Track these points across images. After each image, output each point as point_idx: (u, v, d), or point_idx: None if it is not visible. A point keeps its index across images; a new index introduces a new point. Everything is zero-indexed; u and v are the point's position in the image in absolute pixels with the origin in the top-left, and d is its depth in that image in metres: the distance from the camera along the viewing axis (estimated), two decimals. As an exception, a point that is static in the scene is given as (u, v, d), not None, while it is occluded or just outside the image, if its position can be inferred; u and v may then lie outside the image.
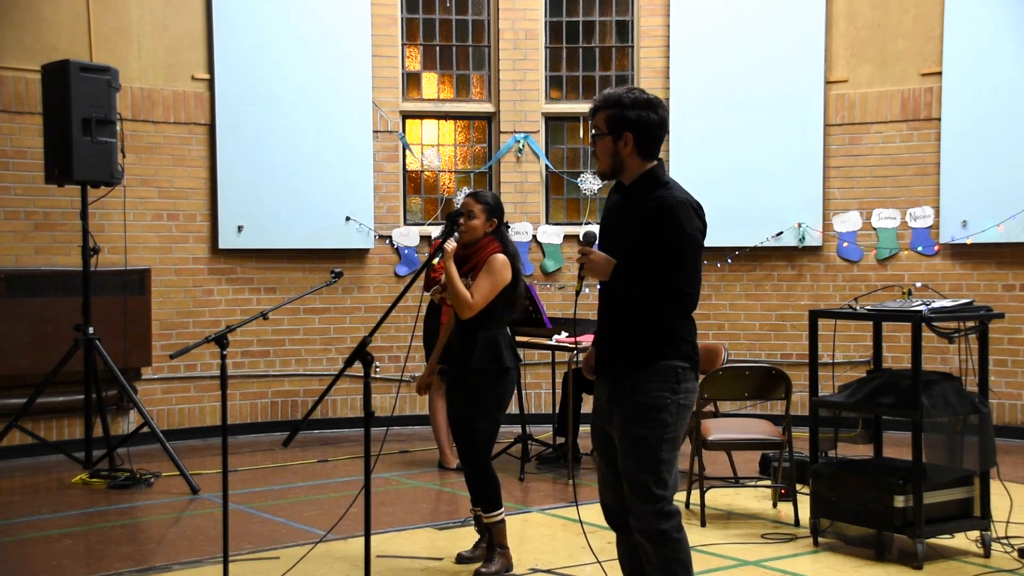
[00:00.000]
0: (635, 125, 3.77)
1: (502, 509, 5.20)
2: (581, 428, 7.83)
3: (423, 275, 6.74)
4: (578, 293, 3.94)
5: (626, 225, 3.82)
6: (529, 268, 9.62)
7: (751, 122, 9.37)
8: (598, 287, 3.94)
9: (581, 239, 3.88)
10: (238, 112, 9.00)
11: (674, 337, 3.77)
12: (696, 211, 3.76)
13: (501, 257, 5.12)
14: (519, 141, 9.69)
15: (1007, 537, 5.46)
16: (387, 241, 9.51)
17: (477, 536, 5.41)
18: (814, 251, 9.42)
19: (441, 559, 5.41)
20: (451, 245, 5.07)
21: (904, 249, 9.20)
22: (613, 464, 3.90)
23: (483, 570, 5.14)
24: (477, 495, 5.24)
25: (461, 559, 5.34)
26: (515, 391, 5.29)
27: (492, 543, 5.20)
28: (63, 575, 5.26)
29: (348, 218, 9.27)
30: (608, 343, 3.90)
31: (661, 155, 3.91)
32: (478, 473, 5.17)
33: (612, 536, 4.14)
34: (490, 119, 9.87)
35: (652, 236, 3.71)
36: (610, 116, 3.79)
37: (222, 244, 9.00)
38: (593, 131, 3.87)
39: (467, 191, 9.62)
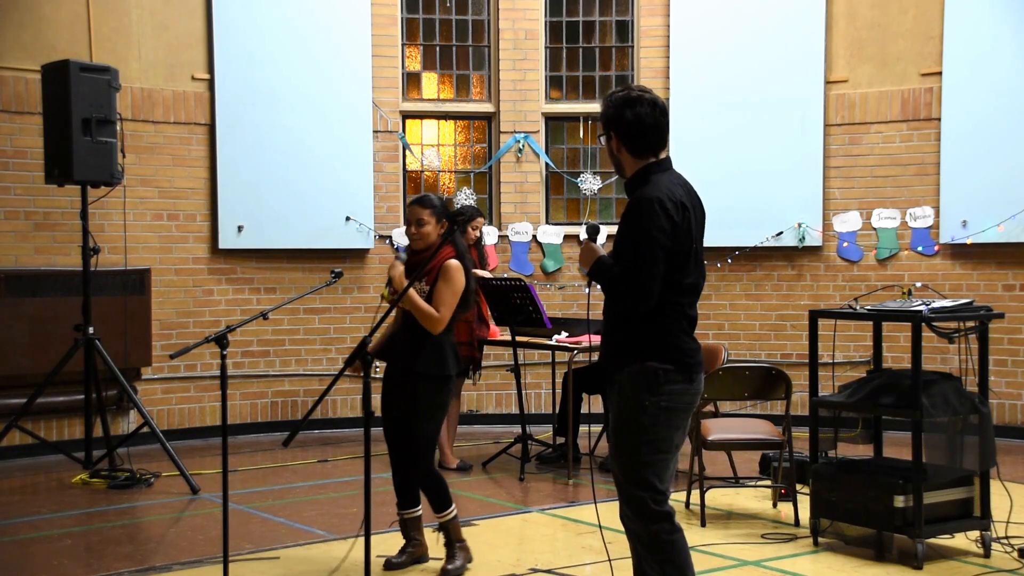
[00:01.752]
0: (613, 124, 3.82)
1: (453, 505, 5.21)
2: (581, 428, 7.84)
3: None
4: (588, 285, 4.02)
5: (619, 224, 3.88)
6: (529, 268, 9.63)
7: (751, 122, 9.37)
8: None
9: (586, 230, 3.98)
10: (238, 112, 9.00)
11: (656, 338, 3.73)
12: (666, 208, 3.65)
13: (454, 263, 5.10)
14: (519, 141, 9.69)
15: (1007, 537, 5.46)
16: (387, 241, 9.50)
17: (427, 543, 5.40)
18: (814, 251, 9.42)
19: (441, 559, 5.40)
20: (399, 269, 5.00)
21: (904, 249, 9.20)
22: None
23: (449, 567, 5.15)
24: (406, 499, 5.25)
25: (389, 565, 5.26)
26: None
27: (451, 540, 5.21)
28: (63, 575, 5.27)
29: (348, 218, 9.27)
30: (604, 344, 3.94)
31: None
32: (424, 476, 5.14)
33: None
34: (490, 119, 9.87)
35: (622, 231, 3.74)
36: (601, 117, 3.89)
37: (222, 244, 9.00)
38: (599, 135, 3.97)
39: (464, 194, 9.66)
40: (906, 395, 5.35)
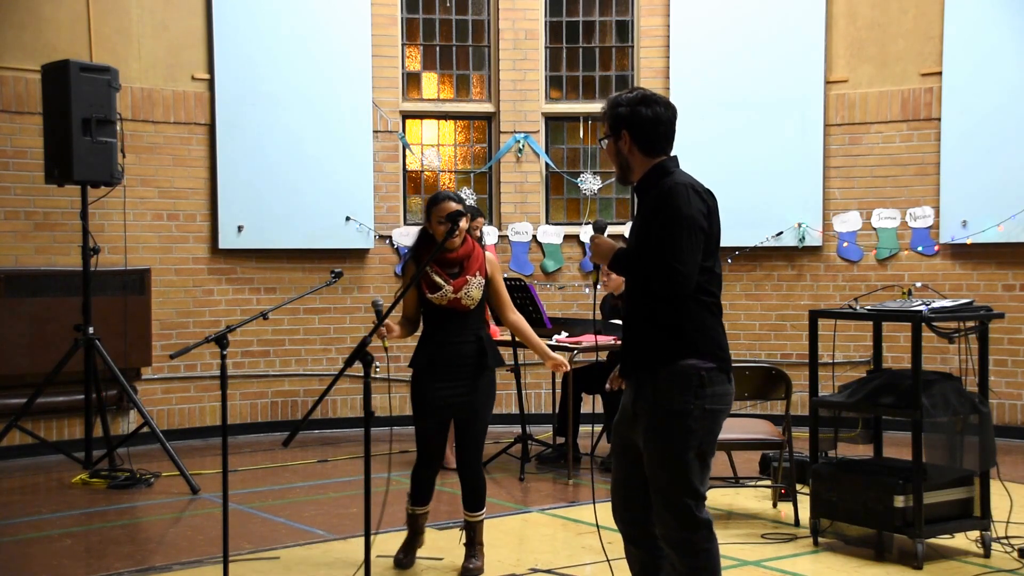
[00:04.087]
0: (628, 122, 3.78)
1: (485, 508, 5.28)
2: (581, 428, 7.85)
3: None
4: (595, 284, 4.05)
5: (637, 219, 3.83)
6: (529, 268, 9.63)
7: (751, 122, 9.37)
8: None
9: (593, 227, 3.96)
10: (238, 112, 9.00)
11: (692, 334, 3.66)
12: (699, 193, 3.68)
13: (492, 255, 5.28)
14: (519, 141, 9.69)
15: (1007, 537, 5.47)
16: (387, 241, 9.51)
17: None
18: (814, 251, 9.42)
19: (441, 559, 5.41)
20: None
21: (904, 249, 9.20)
22: (628, 470, 3.85)
23: (470, 566, 5.18)
24: (425, 496, 5.28)
25: (400, 564, 5.29)
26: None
27: (473, 540, 5.25)
28: (63, 575, 5.27)
29: (348, 218, 9.27)
30: (629, 344, 3.84)
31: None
32: (477, 471, 5.21)
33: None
34: (490, 119, 9.87)
35: (653, 220, 3.68)
36: (609, 118, 3.84)
37: (222, 244, 9.00)
38: (600, 138, 3.93)
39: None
40: (906, 395, 5.35)
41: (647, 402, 3.71)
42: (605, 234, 3.93)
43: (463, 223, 5.04)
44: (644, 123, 3.77)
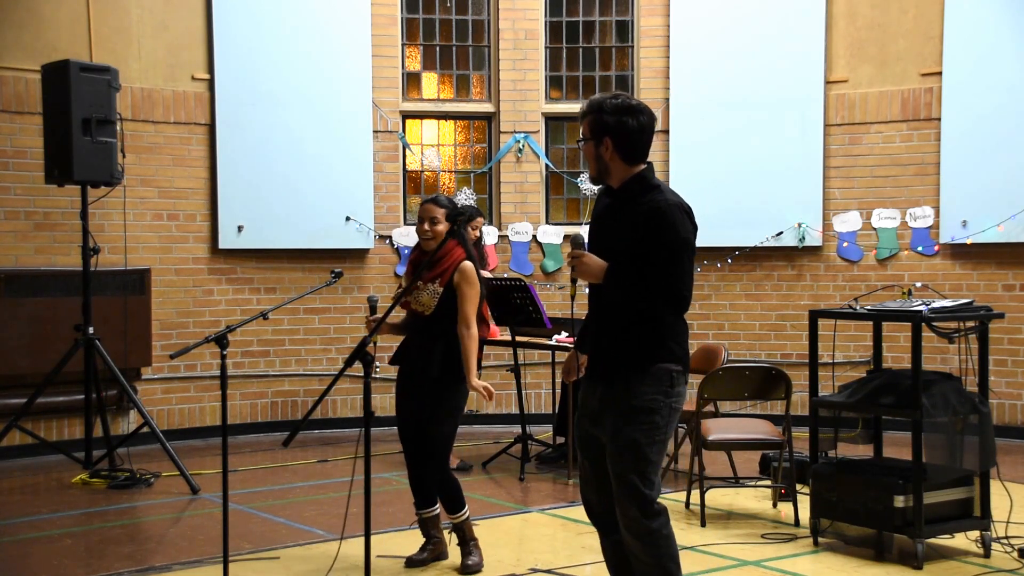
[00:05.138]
0: (613, 130, 3.82)
1: (466, 507, 5.26)
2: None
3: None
4: (573, 297, 4.02)
5: (619, 228, 3.85)
6: (529, 268, 9.63)
7: (751, 122, 9.37)
8: (586, 289, 3.96)
9: (571, 243, 3.92)
10: (238, 112, 9.00)
11: (667, 340, 3.81)
12: (687, 214, 3.81)
13: (468, 264, 5.15)
14: (519, 141, 9.69)
15: (1007, 537, 5.46)
16: (387, 241, 9.51)
17: (447, 540, 5.42)
18: (814, 251, 9.42)
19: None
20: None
21: (904, 249, 9.20)
22: (597, 464, 3.96)
23: (468, 562, 5.19)
24: (424, 499, 5.27)
25: (411, 563, 5.29)
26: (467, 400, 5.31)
27: (465, 539, 5.25)
28: (63, 575, 5.27)
29: (348, 218, 9.27)
30: (602, 346, 3.91)
31: (661, 156, 3.93)
32: (441, 476, 5.19)
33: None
34: (490, 119, 9.87)
35: (646, 240, 3.75)
36: (591, 122, 3.87)
37: (222, 244, 9.00)
38: (579, 137, 3.96)
39: (469, 195, 9.66)
40: (906, 395, 5.35)
41: (618, 399, 3.83)
42: (585, 247, 3.90)
43: (440, 227, 5.12)
44: (630, 133, 3.82)
